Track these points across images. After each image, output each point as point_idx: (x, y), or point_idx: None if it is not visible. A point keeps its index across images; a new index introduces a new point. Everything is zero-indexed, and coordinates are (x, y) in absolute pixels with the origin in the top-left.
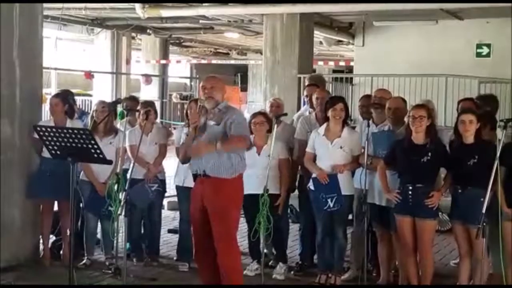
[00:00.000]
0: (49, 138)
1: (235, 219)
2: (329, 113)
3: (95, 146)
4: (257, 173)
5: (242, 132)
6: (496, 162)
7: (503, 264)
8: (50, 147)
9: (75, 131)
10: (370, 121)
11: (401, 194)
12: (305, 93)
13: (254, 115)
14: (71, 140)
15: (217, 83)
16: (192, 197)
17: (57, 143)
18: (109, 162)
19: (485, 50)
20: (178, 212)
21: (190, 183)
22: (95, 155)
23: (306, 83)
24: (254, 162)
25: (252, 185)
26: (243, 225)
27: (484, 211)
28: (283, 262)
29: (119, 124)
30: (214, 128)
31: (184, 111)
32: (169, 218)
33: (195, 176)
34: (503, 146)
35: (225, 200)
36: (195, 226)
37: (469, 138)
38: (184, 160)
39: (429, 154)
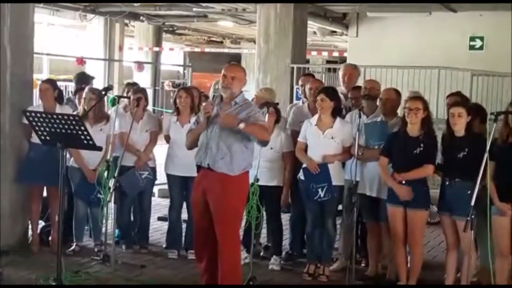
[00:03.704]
0: (39, 124)
1: (239, 216)
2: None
3: (85, 133)
4: (260, 164)
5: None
6: (486, 156)
7: (491, 258)
8: (40, 132)
9: (65, 117)
10: (361, 112)
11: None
12: (300, 82)
13: (260, 106)
14: (60, 126)
15: (238, 74)
16: (193, 188)
17: (47, 129)
18: (99, 149)
19: (478, 43)
20: (168, 200)
21: (179, 171)
22: (85, 141)
23: (342, 71)
24: (257, 153)
25: (253, 176)
26: None
27: (473, 203)
28: (277, 255)
29: (110, 111)
30: None
31: (172, 99)
32: (160, 205)
33: (198, 167)
34: (492, 140)
35: (230, 198)
36: (196, 217)
37: (459, 131)
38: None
39: (421, 145)
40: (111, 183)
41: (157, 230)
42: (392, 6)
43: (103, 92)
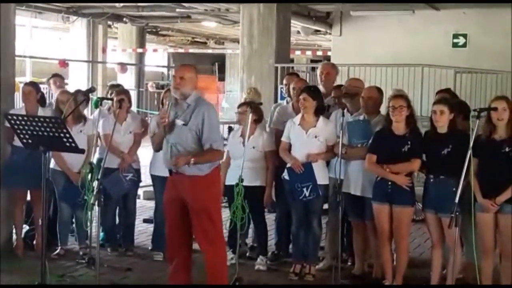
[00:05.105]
0: (21, 127)
1: (217, 213)
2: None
3: (67, 135)
4: (243, 164)
5: (216, 137)
6: (469, 152)
7: (476, 254)
8: (22, 136)
9: (47, 119)
10: (345, 111)
11: (380, 182)
12: (284, 82)
13: (240, 105)
14: (42, 129)
15: (187, 74)
16: (166, 187)
17: (29, 132)
18: (81, 151)
19: (461, 41)
20: (154, 202)
21: (166, 172)
22: (67, 144)
23: (319, 70)
24: (240, 153)
25: (237, 177)
26: (226, 215)
27: (457, 200)
28: (263, 255)
29: (96, 112)
30: (182, 129)
31: (160, 100)
32: (145, 207)
33: (170, 171)
34: (476, 136)
35: (204, 196)
36: (169, 219)
37: (442, 128)
38: (158, 148)
39: (409, 143)
40: (95, 185)
41: (143, 232)
42: (375, 5)
43: (86, 94)
